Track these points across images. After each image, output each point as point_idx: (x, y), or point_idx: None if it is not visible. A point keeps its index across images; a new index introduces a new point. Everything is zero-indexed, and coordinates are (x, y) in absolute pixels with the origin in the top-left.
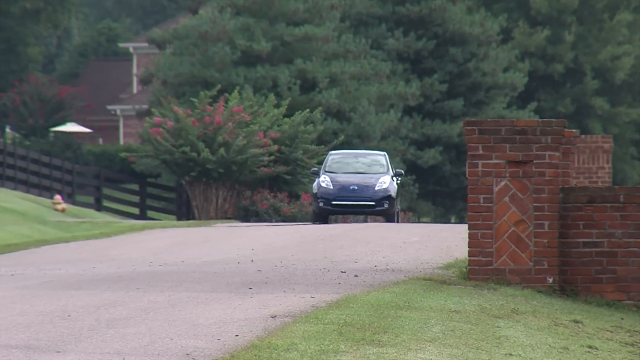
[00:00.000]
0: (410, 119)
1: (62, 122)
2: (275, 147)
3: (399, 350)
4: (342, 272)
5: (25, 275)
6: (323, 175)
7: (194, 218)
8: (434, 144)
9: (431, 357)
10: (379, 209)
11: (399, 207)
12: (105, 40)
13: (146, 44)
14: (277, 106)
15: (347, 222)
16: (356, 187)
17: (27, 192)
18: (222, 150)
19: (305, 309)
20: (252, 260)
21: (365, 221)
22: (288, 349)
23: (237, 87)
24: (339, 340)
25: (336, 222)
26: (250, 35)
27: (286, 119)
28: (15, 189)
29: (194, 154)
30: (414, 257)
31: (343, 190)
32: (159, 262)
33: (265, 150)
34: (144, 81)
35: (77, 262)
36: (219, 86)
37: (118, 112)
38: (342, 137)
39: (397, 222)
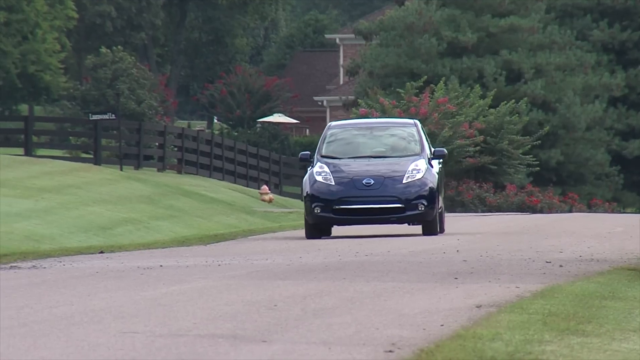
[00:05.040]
0: (615, 110)
1: (269, 113)
2: (481, 137)
3: (602, 340)
4: (546, 262)
5: (232, 265)
6: (319, 164)
7: None
8: (639, 135)
9: (635, 347)
10: (410, 213)
11: (442, 204)
12: (312, 31)
13: (352, 35)
14: (483, 97)
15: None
16: (372, 181)
17: (235, 182)
18: None
19: (510, 298)
20: (457, 250)
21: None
22: (493, 339)
23: (443, 78)
24: (544, 330)
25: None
26: (456, 26)
27: (491, 110)
28: (222, 179)
29: None
30: (619, 247)
31: (351, 187)
32: (365, 252)
33: (470, 141)
34: (350, 72)
35: (283, 252)
36: (425, 77)
37: (324, 103)
38: (547, 128)
39: (441, 230)
